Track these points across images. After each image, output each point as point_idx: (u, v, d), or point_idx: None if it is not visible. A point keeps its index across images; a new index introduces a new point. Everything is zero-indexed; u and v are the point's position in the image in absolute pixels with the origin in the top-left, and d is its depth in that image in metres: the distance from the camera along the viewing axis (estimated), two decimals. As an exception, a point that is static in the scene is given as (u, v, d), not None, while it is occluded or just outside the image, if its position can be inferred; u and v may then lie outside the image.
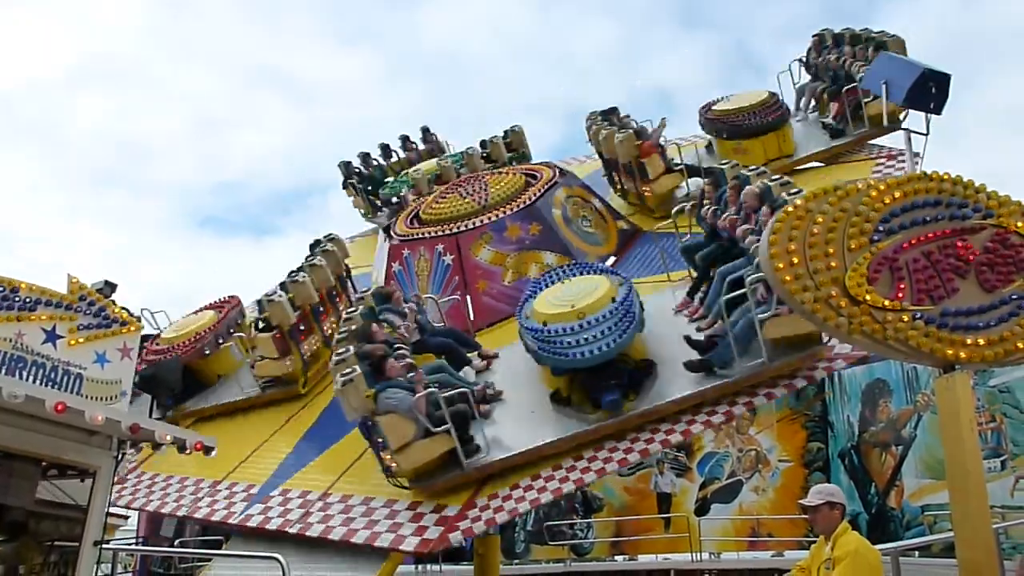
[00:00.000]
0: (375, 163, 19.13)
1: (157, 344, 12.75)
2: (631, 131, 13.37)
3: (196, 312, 13.83)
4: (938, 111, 7.14)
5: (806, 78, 14.70)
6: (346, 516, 8.25)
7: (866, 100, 12.19)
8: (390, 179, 17.88)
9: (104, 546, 6.53)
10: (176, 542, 15.90)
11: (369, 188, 18.30)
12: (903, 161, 12.69)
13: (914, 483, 16.66)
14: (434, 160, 17.46)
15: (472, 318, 11.36)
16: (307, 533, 8.20)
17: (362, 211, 18.47)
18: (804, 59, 14.75)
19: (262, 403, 11.85)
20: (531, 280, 10.54)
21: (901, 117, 11.83)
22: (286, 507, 8.84)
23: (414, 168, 17.19)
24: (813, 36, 14.59)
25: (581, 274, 9.33)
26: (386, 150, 19.40)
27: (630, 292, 8.50)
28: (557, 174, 13.29)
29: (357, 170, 18.84)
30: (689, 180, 12.67)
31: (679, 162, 13.15)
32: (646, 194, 13.02)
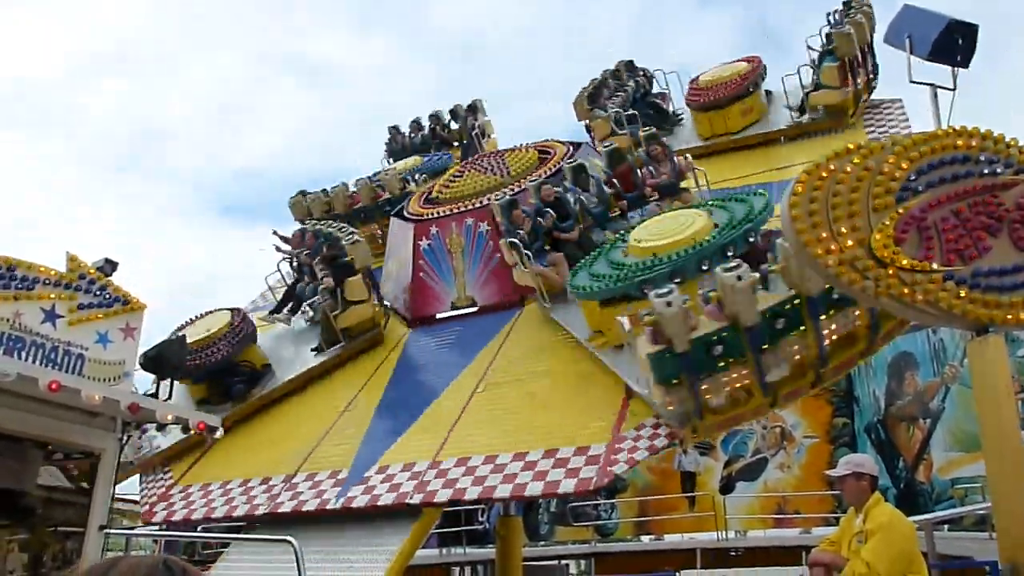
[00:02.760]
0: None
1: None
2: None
3: (201, 317, 12.32)
4: (965, 64, 6.81)
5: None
6: (473, 477, 7.86)
7: (808, 90, 13.48)
8: None
9: (114, 530, 6.43)
10: (199, 528, 15.89)
11: None
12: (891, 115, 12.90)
13: (943, 456, 16.35)
14: (410, 159, 17.06)
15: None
16: (435, 500, 7.80)
17: None
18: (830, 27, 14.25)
19: (340, 362, 11.31)
20: None
21: (850, 112, 13.20)
22: (392, 482, 8.35)
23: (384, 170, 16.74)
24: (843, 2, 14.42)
25: None
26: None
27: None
28: (571, 150, 13.05)
29: None
30: None
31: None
32: None
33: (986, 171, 5.95)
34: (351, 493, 8.37)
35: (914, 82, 6.69)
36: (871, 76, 13.68)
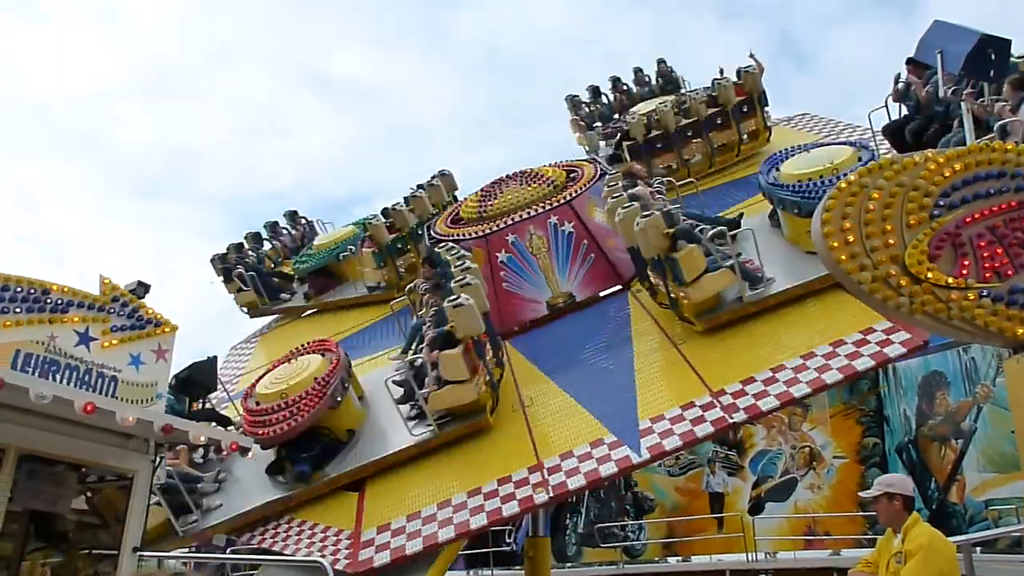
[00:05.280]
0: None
1: (257, 405, 9.42)
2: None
3: (286, 361, 10.52)
4: (996, 80, 6.76)
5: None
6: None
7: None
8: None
9: (146, 553, 6.45)
10: (228, 550, 15.91)
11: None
12: None
13: (976, 477, 16.09)
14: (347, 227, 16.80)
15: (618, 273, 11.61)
16: None
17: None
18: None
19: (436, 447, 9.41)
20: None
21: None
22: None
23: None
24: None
25: None
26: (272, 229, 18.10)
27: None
28: (598, 171, 13.07)
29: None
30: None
31: None
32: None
33: (1021, 186, 5.88)
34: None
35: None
36: None
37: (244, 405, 9.55)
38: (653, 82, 18.87)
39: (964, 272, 5.62)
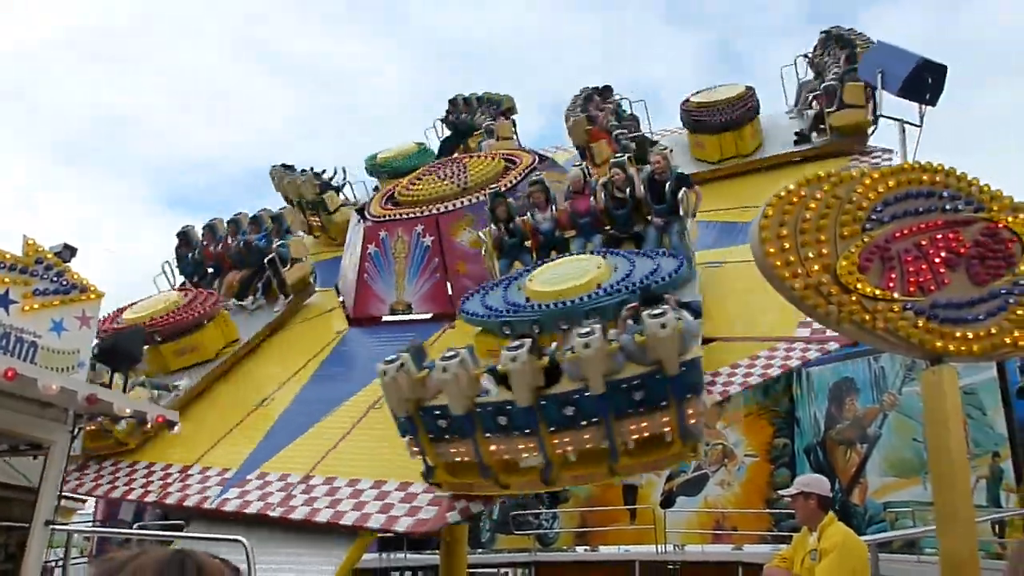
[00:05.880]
0: None
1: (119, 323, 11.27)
2: (584, 115, 13.93)
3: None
4: (933, 103, 7.03)
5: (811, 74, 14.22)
6: (332, 498, 7.94)
7: (830, 110, 12.28)
8: None
9: (57, 527, 6.23)
10: (135, 526, 15.53)
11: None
12: (876, 159, 12.66)
13: (878, 481, 16.80)
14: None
15: (451, 295, 11.34)
16: (291, 516, 7.86)
17: None
18: (809, 55, 14.45)
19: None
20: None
21: (870, 132, 12.41)
22: (265, 489, 8.45)
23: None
24: (821, 32, 14.41)
25: None
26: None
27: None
28: (536, 161, 13.06)
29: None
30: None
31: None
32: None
33: (948, 207, 6.14)
34: (227, 495, 8.47)
35: (884, 116, 6.90)
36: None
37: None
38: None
39: (891, 285, 5.85)
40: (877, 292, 5.82)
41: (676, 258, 8.96)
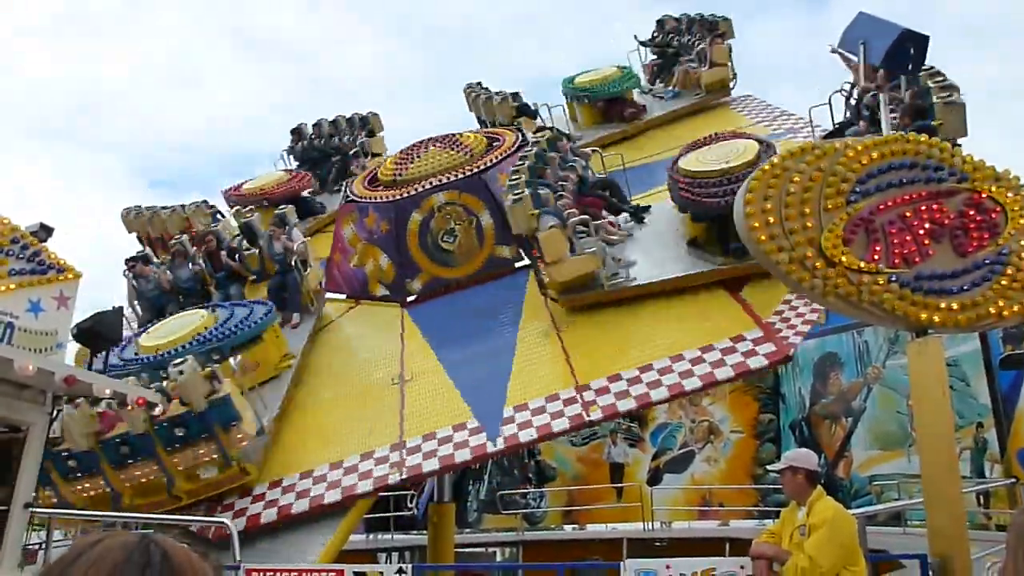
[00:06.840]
0: None
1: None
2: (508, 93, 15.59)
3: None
4: (914, 73, 7.01)
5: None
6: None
7: (693, 66, 15.31)
8: None
9: (38, 510, 6.17)
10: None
11: None
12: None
13: (863, 454, 16.91)
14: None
15: (323, 284, 11.83)
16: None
17: None
18: (650, 39, 17.33)
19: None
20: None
21: (731, 86, 15.43)
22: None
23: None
24: (656, 21, 17.43)
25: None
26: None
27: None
28: (518, 139, 12.67)
29: None
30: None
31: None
32: None
33: (932, 177, 6.13)
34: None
35: (865, 88, 6.87)
36: None
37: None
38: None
39: (875, 257, 5.85)
40: (862, 265, 5.82)
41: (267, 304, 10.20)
